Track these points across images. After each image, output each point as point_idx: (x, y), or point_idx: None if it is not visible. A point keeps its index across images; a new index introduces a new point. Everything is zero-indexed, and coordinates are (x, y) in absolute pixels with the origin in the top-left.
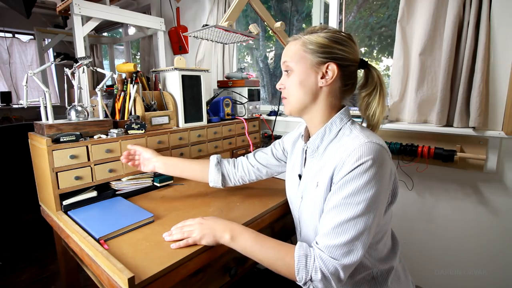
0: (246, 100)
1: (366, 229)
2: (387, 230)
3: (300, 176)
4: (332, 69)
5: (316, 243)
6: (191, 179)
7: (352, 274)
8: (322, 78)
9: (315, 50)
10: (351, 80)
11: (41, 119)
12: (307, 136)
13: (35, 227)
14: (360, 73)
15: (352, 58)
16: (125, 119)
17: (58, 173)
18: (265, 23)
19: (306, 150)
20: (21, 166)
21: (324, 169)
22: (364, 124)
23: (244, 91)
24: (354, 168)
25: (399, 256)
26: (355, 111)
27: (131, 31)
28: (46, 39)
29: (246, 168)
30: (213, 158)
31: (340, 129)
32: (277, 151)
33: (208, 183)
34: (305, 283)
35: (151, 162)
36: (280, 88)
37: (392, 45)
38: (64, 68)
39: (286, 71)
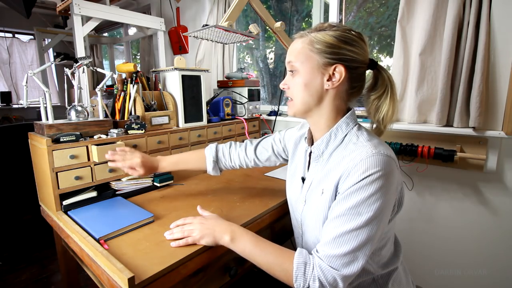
0: (246, 100)
1: (368, 240)
2: (390, 236)
3: (303, 179)
4: (340, 71)
5: (317, 251)
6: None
7: (353, 279)
8: (328, 80)
9: (322, 50)
10: (359, 83)
11: (41, 119)
12: (310, 138)
13: (35, 227)
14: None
15: (361, 60)
16: (125, 119)
17: (58, 173)
18: (265, 23)
19: (310, 154)
20: (21, 166)
21: (329, 176)
22: (374, 125)
23: (244, 91)
24: (361, 180)
25: (401, 259)
26: (361, 110)
27: (131, 31)
28: (46, 39)
29: (243, 161)
30: (210, 158)
31: (346, 135)
32: (278, 148)
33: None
34: None
35: (154, 162)
36: (283, 88)
37: (392, 45)
38: (64, 68)
39: (291, 71)
